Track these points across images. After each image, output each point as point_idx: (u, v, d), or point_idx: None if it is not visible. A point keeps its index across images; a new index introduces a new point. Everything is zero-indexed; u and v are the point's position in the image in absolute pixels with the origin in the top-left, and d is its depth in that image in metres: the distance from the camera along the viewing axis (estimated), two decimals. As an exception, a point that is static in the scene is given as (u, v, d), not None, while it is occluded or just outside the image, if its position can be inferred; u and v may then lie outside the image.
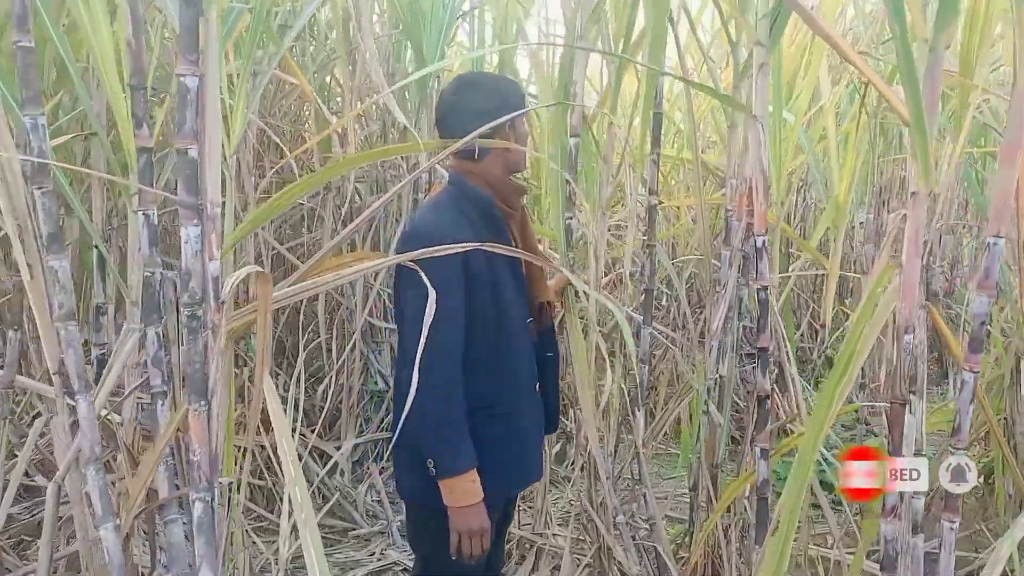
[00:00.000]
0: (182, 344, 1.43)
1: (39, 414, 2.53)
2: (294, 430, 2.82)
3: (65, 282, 1.20)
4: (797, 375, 2.25)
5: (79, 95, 1.77)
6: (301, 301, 3.43)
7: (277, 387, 3.09)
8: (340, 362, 3.40)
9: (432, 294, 1.28)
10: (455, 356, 1.55)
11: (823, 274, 3.69)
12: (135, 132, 1.40)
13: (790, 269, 3.80)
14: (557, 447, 3.59)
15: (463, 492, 1.54)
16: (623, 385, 2.51)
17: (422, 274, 1.32)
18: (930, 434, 2.17)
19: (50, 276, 1.19)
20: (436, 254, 1.40)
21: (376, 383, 3.57)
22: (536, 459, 1.82)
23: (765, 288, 1.84)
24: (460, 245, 1.43)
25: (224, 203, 1.68)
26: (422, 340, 1.26)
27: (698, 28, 2.92)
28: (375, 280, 3.37)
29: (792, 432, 2.41)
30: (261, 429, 2.42)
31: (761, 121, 1.70)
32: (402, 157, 3.40)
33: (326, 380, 3.43)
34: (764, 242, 1.79)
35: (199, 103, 1.07)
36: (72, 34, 2.06)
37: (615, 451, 2.73)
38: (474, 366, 1.58)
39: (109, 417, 1.65)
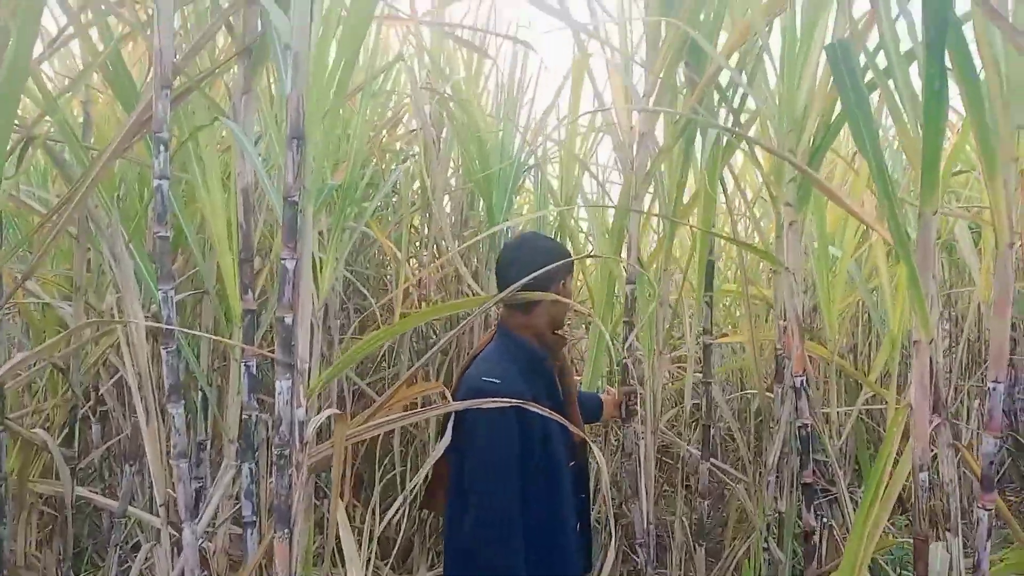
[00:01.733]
0: (271, 478, 1.64)
1: (139, 544, 2.76)
2: (368, 561, 2.94)
3: (180, 426, 1.44)
4: (851, 510, 2.27)
5: (197, 262, 2.10)
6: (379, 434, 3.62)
7: (353, 518, 3.25)
8: (413, 494, 3.54)
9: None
10: (515, 507, 1.66)
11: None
12: (242, 297, 1.68)
13: (858, 400, 3.79)
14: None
15: None
16: (684, 520, 2.57)
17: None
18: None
19: (168, 421, 1.43)
20: (491, 412, 1.58)
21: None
22: None
23: (806, 426, 1.93)
24: (518, 400, 1.61)
25: (312, 345, 1.93)
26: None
27: (743, 183, 3.14)
28: (447, 415, 3.55)
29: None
30: (338, 561, 2.57)
31: (794, 273, 1.86)
32: (473, 294, 3.66)
33: (399, 511, 3.56)
34: (802, 382, 1.90)
35: (295, 281, 1.32)
36: (188, 204, 2.42)
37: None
38: (527, 511, 1.69)
39: (203, 546, 1.84)
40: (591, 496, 2.05)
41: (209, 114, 1.91)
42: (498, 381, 1.70)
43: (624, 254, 2.53)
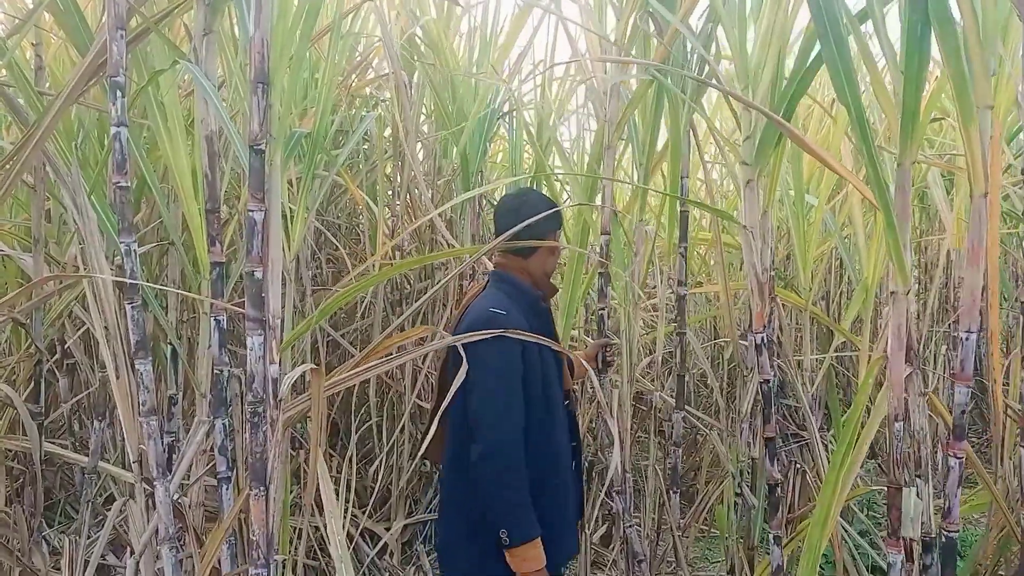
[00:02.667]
0: (245, 433, 1.62)
1: (112, 497, 2.73)
2: (346, 511, 2.95)
3: (149, 383, 1.40)
4: (823, 455, 2.31)
5: (161, 213, 2.03)
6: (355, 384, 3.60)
7: (331, 468, 3.25)
8: (390, 443, 3.55)
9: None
10: (520, 433, 1.72)
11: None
12: (209, 249, 1.63)
13: (831, 348, 3.84)
14: (603, 529, 3.64)
15: (533, 558, 1.69)
16: (657, 468, 2.60)
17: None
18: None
19: (136, 377, 1.39)
20: (498, 340, 1.67)
21: (425, 464, 3.70)
22: (575, 534, 1.96)
23: (767, 382, 1.94)
24: (520, 332, 1.71)
25: (283, 295, 1.89)
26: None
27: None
28: (423, 363, 3.54)
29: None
30: (316, 511, 2.56)
31: (751, 231, 1.85)
32: (448, 245, 3.62)
33: (377, 461, 3.57)
34: (762, 339, 1.90)
35: (264, 233, 1.28)
36: (151, 152, 2.33)
37: (658, 534, 2.79)
38: (527, 446, 1.74)
39: (179, 500, 1.83)
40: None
41: (169, 57, 1.82)
42: (504, 313, 1.78)
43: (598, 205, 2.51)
